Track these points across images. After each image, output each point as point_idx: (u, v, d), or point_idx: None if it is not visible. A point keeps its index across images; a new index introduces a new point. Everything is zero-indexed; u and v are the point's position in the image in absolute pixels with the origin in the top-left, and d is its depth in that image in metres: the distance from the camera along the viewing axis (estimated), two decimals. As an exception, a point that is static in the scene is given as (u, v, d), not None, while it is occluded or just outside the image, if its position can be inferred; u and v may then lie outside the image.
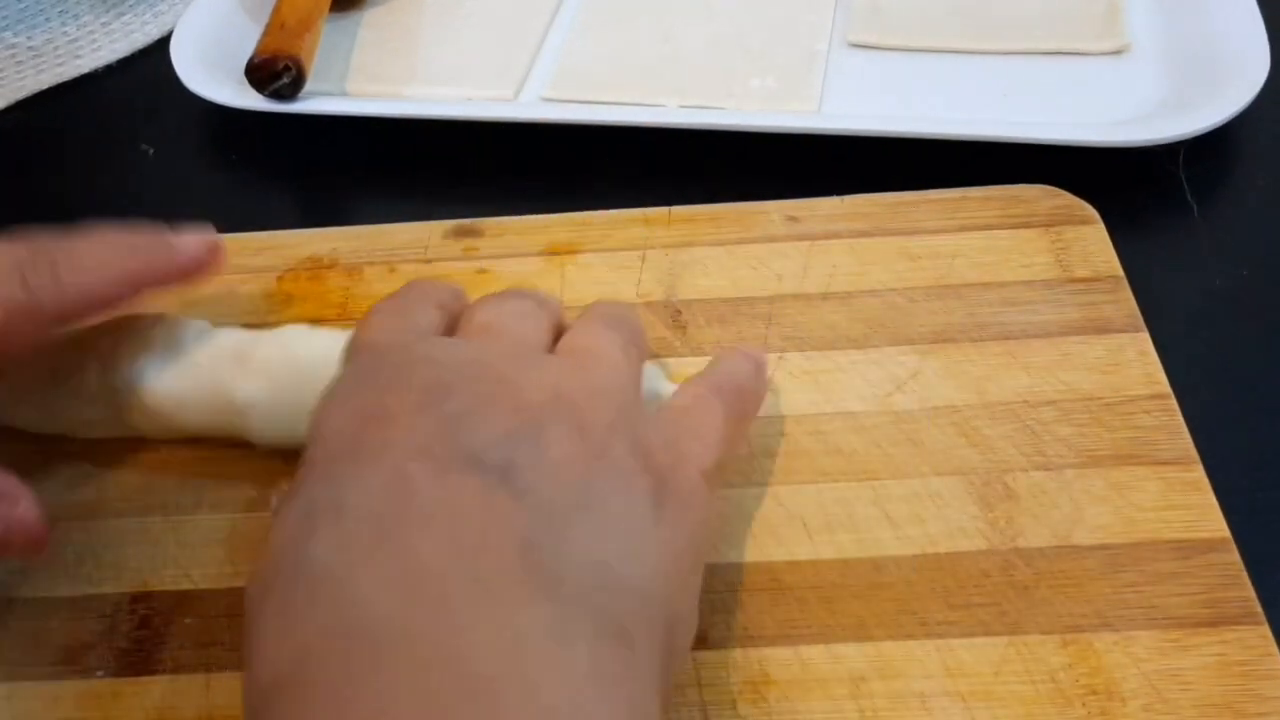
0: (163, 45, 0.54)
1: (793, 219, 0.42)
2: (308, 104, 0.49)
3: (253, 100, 0.49)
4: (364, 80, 0.52)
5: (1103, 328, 0.37)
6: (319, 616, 0.23)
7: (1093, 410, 0.35)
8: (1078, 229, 0.41)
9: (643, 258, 0.41)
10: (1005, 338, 0.37)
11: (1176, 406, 0.35)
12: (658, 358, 0.38)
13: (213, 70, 0.51)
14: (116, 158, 0.52)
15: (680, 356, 0.38)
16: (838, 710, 0.29)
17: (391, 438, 0.26)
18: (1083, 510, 0.33)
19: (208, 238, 0.35)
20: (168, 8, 0.59)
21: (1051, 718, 0.29)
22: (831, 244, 0.41)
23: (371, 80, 0.52)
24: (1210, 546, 0.32)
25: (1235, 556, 0.31)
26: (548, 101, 0.50)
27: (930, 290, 0.39)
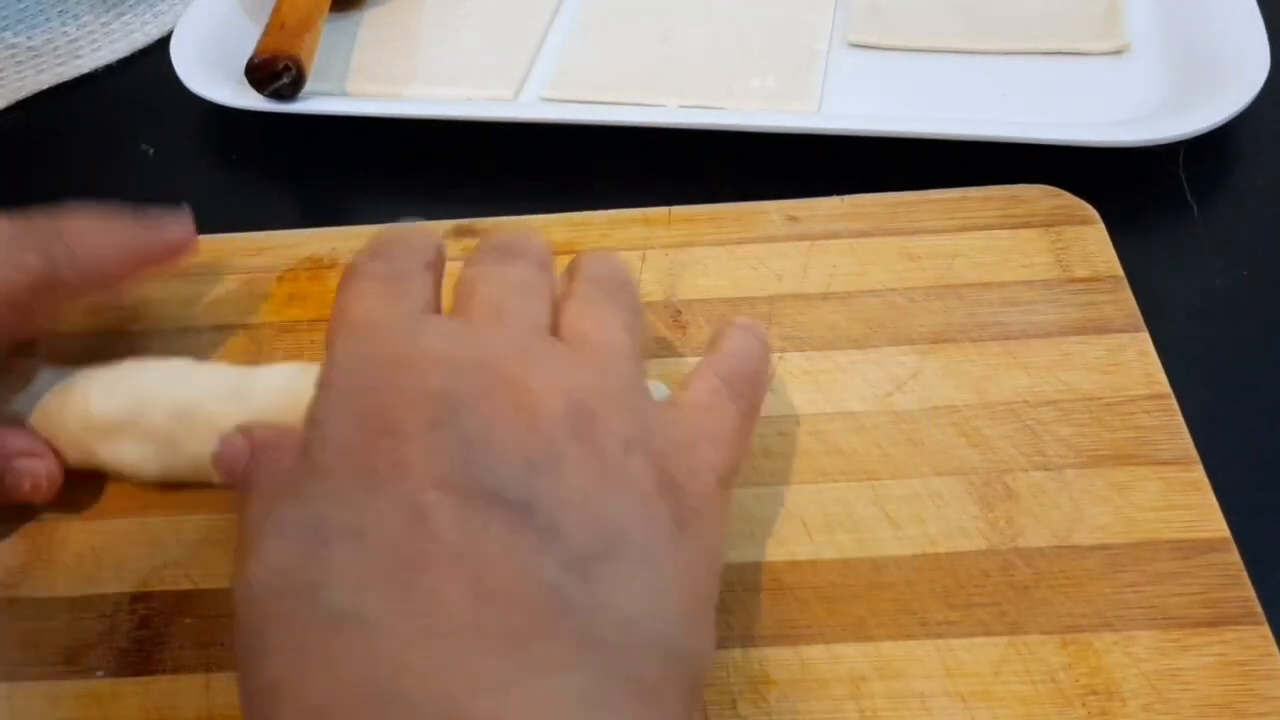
0: (163, 45, 0.54)
1: (793, 219, 0.42)
2: (308, 104, 0.49)
3: (253, 100, 0.49)
4: (364, 80, 0.52)
5: (1103, 328, 0.37)
6: (344, 670, 0.22)
7: (1093, 410, 0.35)
8: (1078, 229, 0.41)
9: (643, 258, 0.41)
10: (1005, 338, 0.37)
11: (1176, 406, 0.35)
12: (658, 356, 0.38)
13: (213, 70, 0.51)
14: (116, 158, 0.52)
15: (680, 356, 0.38)
16: (838, 710, 0.29)
17: (405, 459, 0.25)
18: (1083, 510, 0.33)
19: (185, 220, 0.36)
20: (168, 8, 0.59)
21: (1051, 718, 0.29)
22: (831, 244, 0.41)
23: (371, 80, 0.52)
24: (1210, 546, 0.32)
25: (1235, 556, 0.31)
26: (548, 101, 0.50)
27: (930, 290, 0.39)
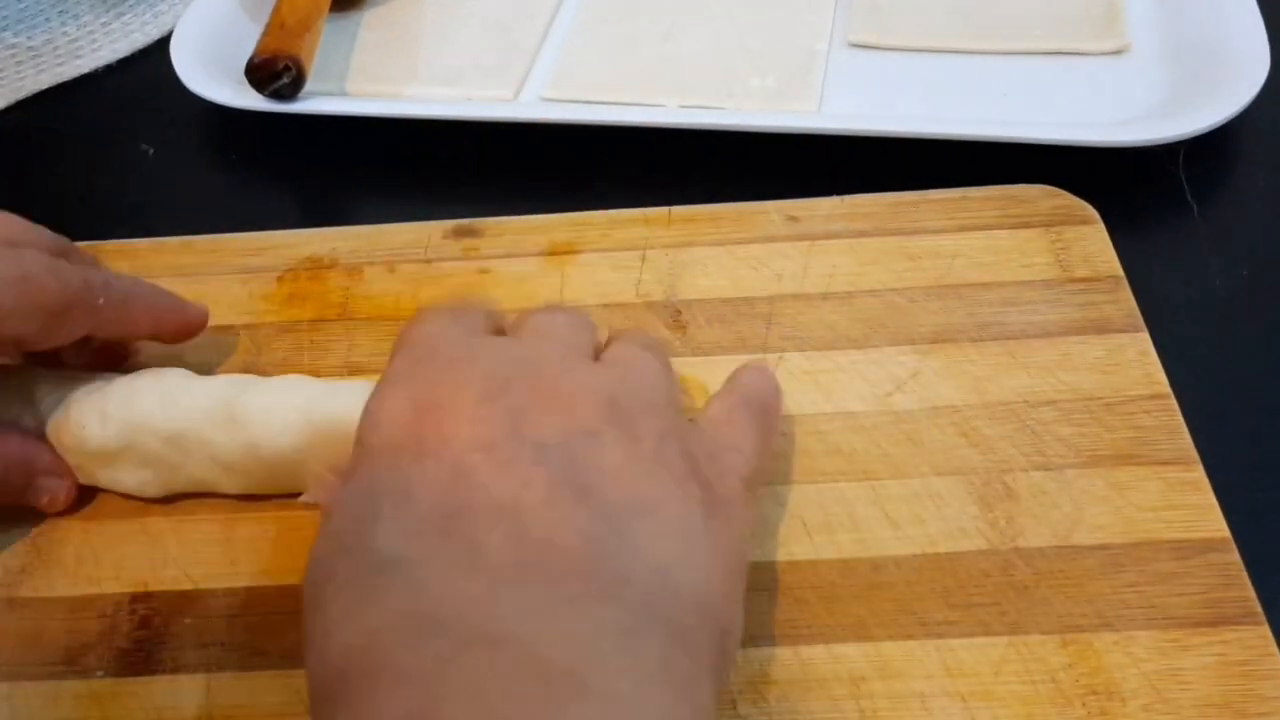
0: (163, 45, 0.54)
1: (793, 219, 0.42)
2: (308, 104, 0.49)
3: (253, 100, 0.49)
4: (364, 80, 0.52)
5: (1103, 328, 0.37)
6: (392, 602, 0.23)
7: (1093, 410, 0.35)
8: (1078, 229, 0.41)
9: (643, 258, 0.41)
10: (1005, 338, 0.37)
11: (1176, 406, 0.35)
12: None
13: (213, 70, 0.51)
14: (116, 158, 0.52)
15: (680, 356, 0.38)
16: (838, 710, 0.29)
17: (453, 430, 0.26)
18: (1083, 510, 0.33)
19: (203, 310, 0.39)
20: (168, 8, 0.59)
21: (1051, 718, 0.29)
22: (831, 244, 0.41)
23: (371, 80, 0.52)
24: (1210, 546, 0.32)
25: (1235, 556, 0.31)
26: (548, 101, 0.50)
27: (930, 290, 0.39)
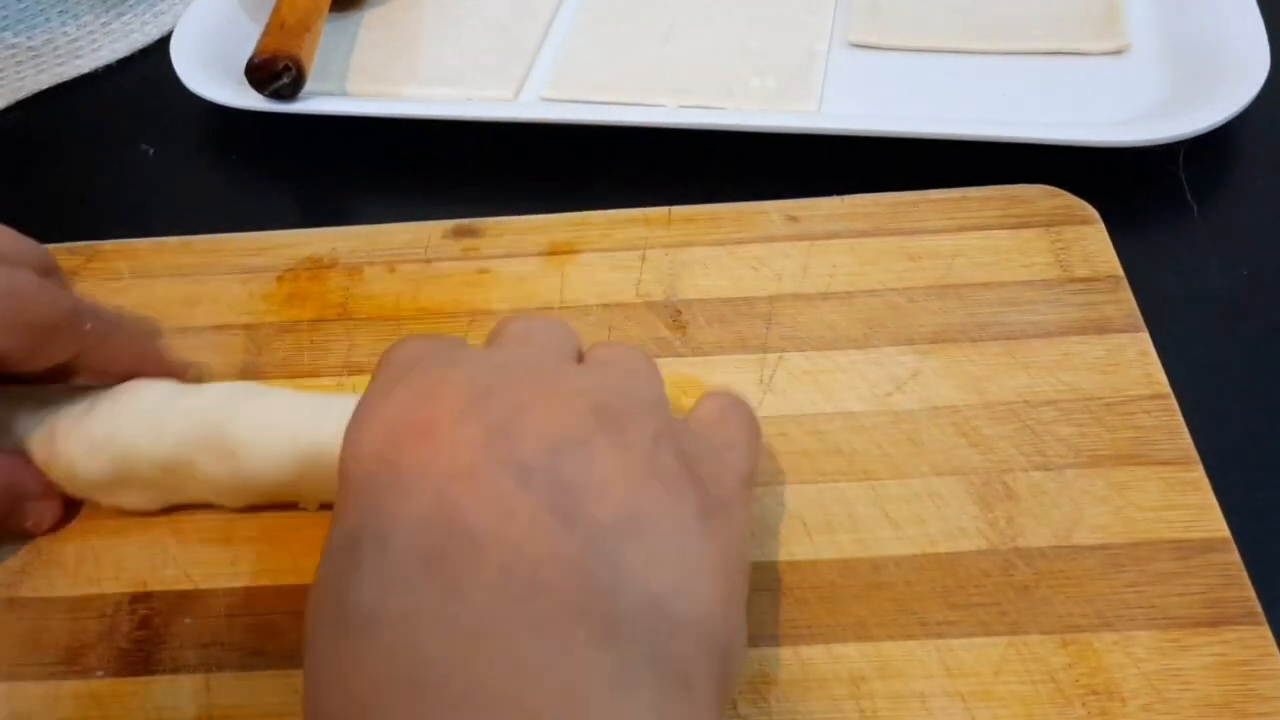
0: (163, 45, 0.54)
1: (793, 219, 0.42)
2: (308, 104, 0.49)
3: (253, 100, 0.49)
4: (364, 80, 0.52)
5: (1103, 328, 0.37)
6: (374, 667, 0.22)
7: (1093, 410, 0.35)
8: (1078, 229, 0.41)
9: (643, 258, 0.41)
10: (1005, 338, 0.37)
11: (1176, 406, 0.35)
12: (658, 356, 0.38)
13: (213, 70, 0.51)
14: (116, 158, 0.52)
15: (680, 356, 0.38)
16: (838, 710, 0.29)
17: (430, 454, 0.25)
18: (1083, 510, 0.33)
19: (185, 364, 0.38)
20: (168, 8, 0.59)
21: (1051, 718, 0.29)
22: (831, 244, 0.41)
23: (371, 80, 0.52)
24: (1210, 546, 0.32)
25: (1235, 556, 0.31)
26: (548, 101, 0.50)
27: (930, 290, 0.39)
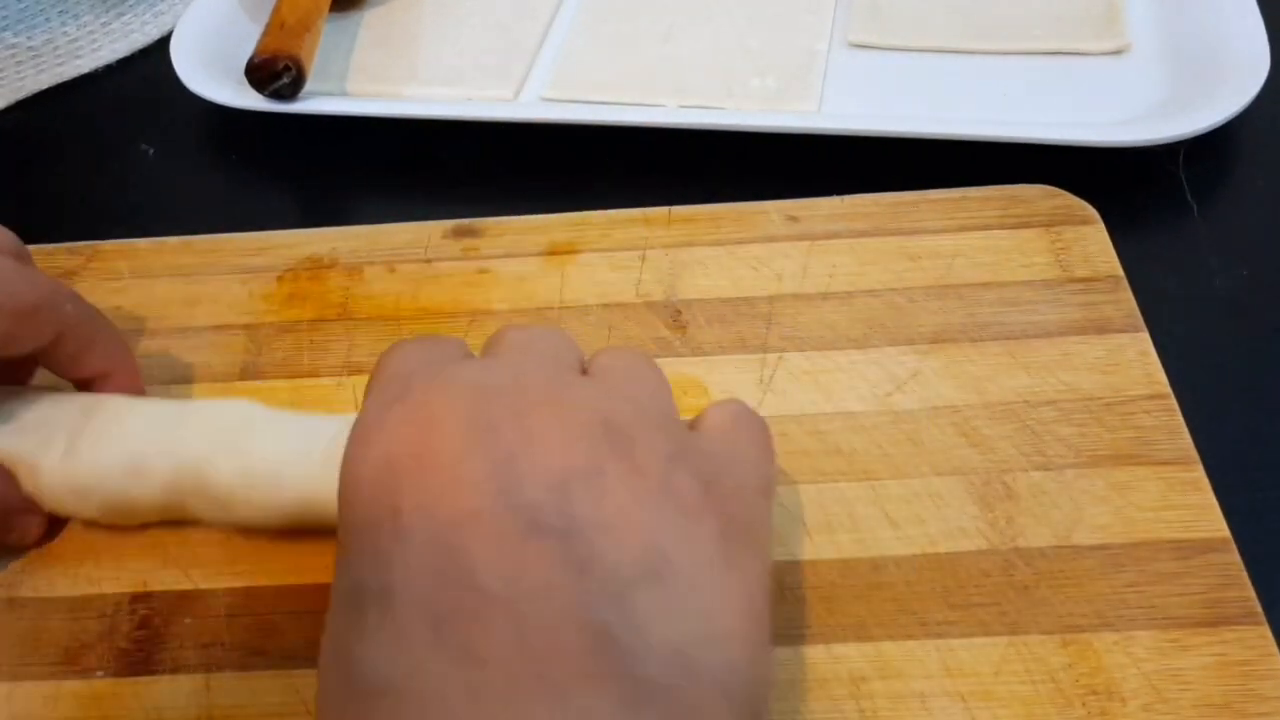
0: (163, 45, 0.54)
1: (793, 219, 0.42)
2: (308, 104, 0.49)
3: (253, 100, 0.49)
4: (364, 80, 0.52)
5: (1103, 328, 0.37)
6: None
7: (1093, 410, 0.35)
8: (1078, 229, 0.41)
9: (643, 258, 0.41)
10: (1005, 338, 0.37)
11: (1176, 406, 0.35)
12: (657, 356, 0.38)
13: (213, 70, 0.51)
14: (116, 158, 0.52)
15: (680, 356, 0.38)
16: (838, 710, 0.29)
17: (432, 497, 0.23)
18: (1083, 510, 0.33)
19: (141, 385, 0.37)
20: (168, 8, 0.59)
21: (1051, 718, 0.29)
22: (831, 244, 0.41)
23: (371, 80, 0.52)
24: (1210, 546, 0.32)
25: (1235, 556, 0.31)
26: (548, 101, 0.50)
27: (930, 290, 0.39)
